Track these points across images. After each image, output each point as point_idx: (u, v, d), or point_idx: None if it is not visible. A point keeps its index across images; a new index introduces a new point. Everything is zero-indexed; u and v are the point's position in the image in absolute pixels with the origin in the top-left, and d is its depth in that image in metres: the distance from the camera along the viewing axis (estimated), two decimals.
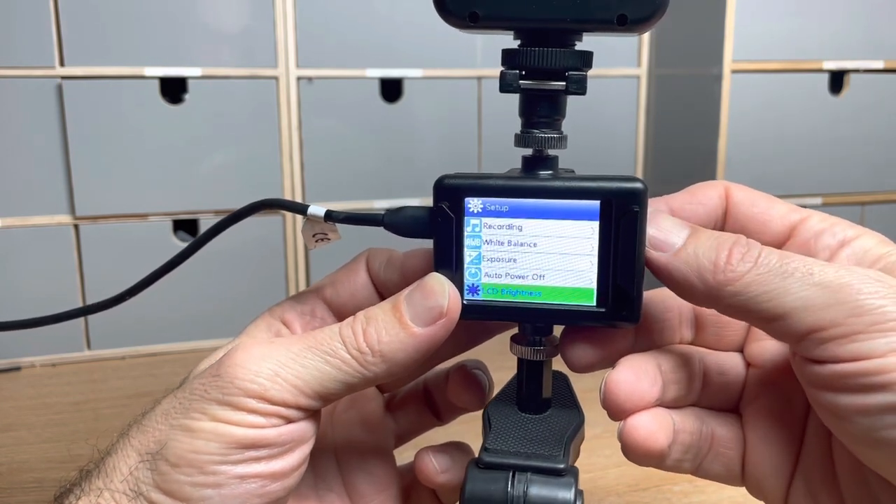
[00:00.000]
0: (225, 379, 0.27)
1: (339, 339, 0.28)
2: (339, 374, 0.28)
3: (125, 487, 0.26)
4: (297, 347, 0.28)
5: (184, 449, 0.26)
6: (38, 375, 0.78)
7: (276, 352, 0.28)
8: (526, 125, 0.30)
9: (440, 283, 0.29)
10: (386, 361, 0.28)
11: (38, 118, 0.78)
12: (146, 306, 0.65)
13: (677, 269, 0.27)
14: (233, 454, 0.26)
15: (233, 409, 0.27)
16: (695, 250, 0.27)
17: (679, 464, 0.31)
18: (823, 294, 0.25)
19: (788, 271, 0.25)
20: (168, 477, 0.26)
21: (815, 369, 0.26)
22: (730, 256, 0.26)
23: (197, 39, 0.82)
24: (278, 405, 0.27)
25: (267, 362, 0.27)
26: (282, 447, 0.27)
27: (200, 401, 0.27)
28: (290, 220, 0.87)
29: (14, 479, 0.55)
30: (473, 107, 0.92)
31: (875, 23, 0.91)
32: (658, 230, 0.28)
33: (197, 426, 0.26)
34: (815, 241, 0.29)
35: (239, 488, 0.26)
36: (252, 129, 0.85)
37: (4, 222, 0.79)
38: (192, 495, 0.26)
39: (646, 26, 0.27)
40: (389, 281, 0.32)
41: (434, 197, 0.29)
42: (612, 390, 0.29)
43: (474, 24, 0.28)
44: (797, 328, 0.25)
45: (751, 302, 0.26)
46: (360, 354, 0.28)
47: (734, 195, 0.31)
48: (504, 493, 0.28)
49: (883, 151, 0.96)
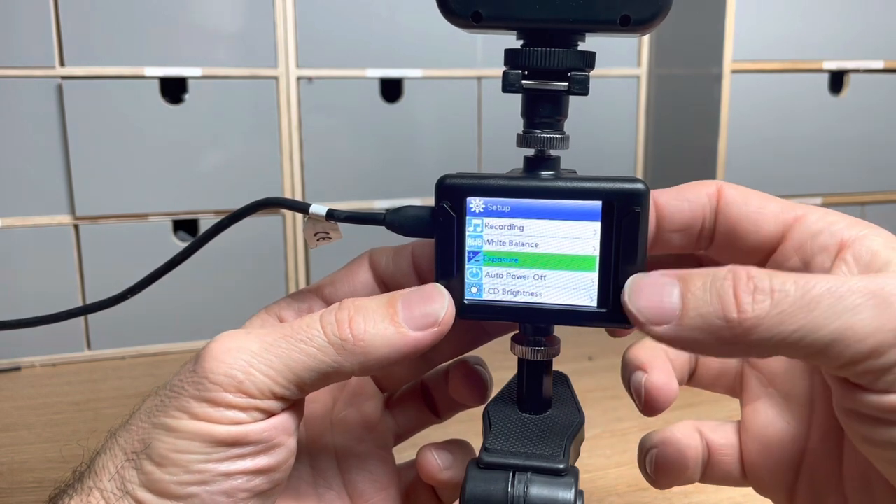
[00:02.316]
0: (200, 374, 0.27)
1: (319, 326, 0.27)
2: (313, 363, 0.27)
3: (113, 486, 0.26)
4: (271, 337, 0.27)
5: (167, 449, 0.26)
6: (38, 375, 0.78)
7: (250, 343, 0.27)
8: (528, 125, 0.30)
9: (440, 292, 0.29)
10: (366, 354, 0.27)
11: (38, 118, 0.78)
12: (146, 306, 0.65)
13: (692, 339, 0.24)
14: (216, 453, 0.26)
15: (210, 405, 0.26)
16: (697, 311, 0.24)
17: (691, 476, 0.32)
18: (865, 317, 0.22)
19: (814, 300, 0.22)
20: (153, 476, 0.26)
21: (868, 399, 0.23)
22: (738, 303, 0.23)
23: (197, 39, 0.82)
24: (255, 398, 0.26)
25: (241, 354, 0.27)
26: (266, 443, 0.27)
27: (179, 398, 0.27)
28: (291, 220, 0.87)
29: (14, 479, 0.55)
30: (473, 107, 0.92)
31: (875, 23, 0.91)
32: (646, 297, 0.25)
33: (177, 425, 0.26)
34: (811, 242, 0.27)
35: (225, 484, 0.26)
36: (252, 129, 0.85)
37: (4, 222, 0.79)
38: (178, 493, 0.26)
39: (649, 27, 0.27)
40: (399, 272, 0.32)
41: (436, 196, 0.29)
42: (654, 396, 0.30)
43: (477, 24, 0.28)
44: (844, 358, 0.22)
45: (784, 343, 0.23)
46: (341, 342, 0.27)
47: (726, 194, 0.29)
48: (504, 493, 0.28)
49: (883, 151, 0.96)
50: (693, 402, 0.64)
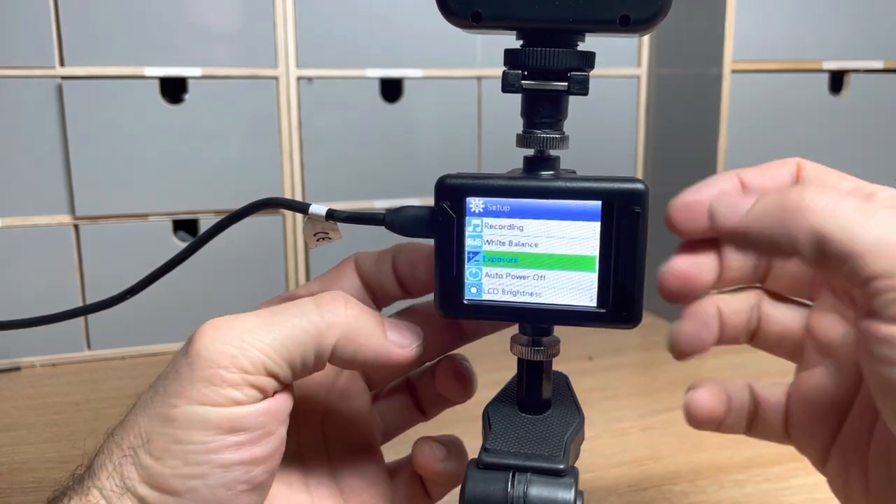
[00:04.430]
0: (192, 355, 0.27)
1: (310, 302, 0.29)
2: (303, 336, 0.28)
3: (111, 484, 0.27)
4: (261, 317, 0.28)
5: (166, 440, 0.26)
6: (38, 375, 0.78)
7: (240, 322, 0.28)
8: (528, 125, 0.30)
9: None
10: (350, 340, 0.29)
11: (38, 118, 0.78)
12: (146, 306, 0.65)
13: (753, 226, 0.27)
14: (213, 440, 0.26)
15: (205, 385, 0.27)
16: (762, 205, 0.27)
17: (732, 427, 0.34)
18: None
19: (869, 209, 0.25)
20: (152, 471, 0.26)
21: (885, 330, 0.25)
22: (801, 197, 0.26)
23: (197, 39, 0.82)
24: (249, 372, 0.27)
25: (232, 331, 0.28)
26: (260, 430, 0.28)
27: (174, 383, 0.27)
28: (291, 220, 0.87)
29: (14, 479, 0.55)
30: (473, 107, 0.92)
31: (875, 23, 0.91)
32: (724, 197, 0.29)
33: (174, 414, 0.27)
34: None
35: (224, 477, 0.27)
36: (252, 129, 0.85)
37: (4, 222, 0.79)
38: (178, 488, 0.26)
39: (648, 27, 0.27)
40: (380, 274, 0.33)
41: (435, 196, 0.29)
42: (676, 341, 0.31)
43: (477, 24, 0.28)
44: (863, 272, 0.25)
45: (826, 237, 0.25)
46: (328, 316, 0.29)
47: (806, 170, 0.31)
48: (504, 493, 0.28)
49: (883, 151, 0.96)
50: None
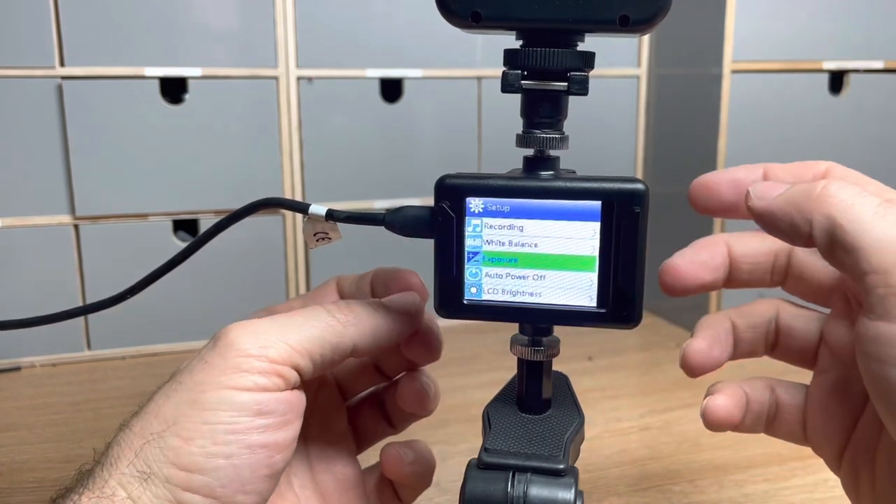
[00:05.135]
0: (223, 346, 0.29)
1: (325, 309, 0.31)
2: (324, 334, 0.30)
3: (132, 470, 0.27)
4: (283, 318, 0.31)
5: (194, 422, 0.27)
6: (38, 375, 0.78)
7: (266, 322, 0.30)
8: (527, 125, 0.30)
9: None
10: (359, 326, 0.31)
11: (38, 118, 0.78)
12: (146, 306, 0.65)
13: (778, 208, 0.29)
14: (241, 421, 0.28)
15: (236, 371, 0.28)
16: (790, 190, 0.29)
17: (751, 427, 0.35)
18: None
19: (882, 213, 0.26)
20: (180, 451, 0.27)
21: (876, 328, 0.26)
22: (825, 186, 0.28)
23: (197, 39, 0.82)
24: (277, 363, 0.29)
25: (261, 327, 0.30)
26: (282, 416, 0.29)
27: (201, 373, 0.28)
28: (291, 220, 0.87)
29: (14, 479, 0.55)
30: (473, 107, 0.92)
31: (875, 23, 0.91)
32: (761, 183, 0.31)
33: (204, 398, 0.28)
34: None
35: (249, 458, 0.28)
36: (252, 129, 0.85)
37: (4, 222, 0.79)
38: (205, 466, 0.27)
39: (648, 27, 0.27)
40: (360, 295, 0.36)
41: (435, 196, 0.29)
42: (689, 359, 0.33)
43: (477, 23, 0.28)
44: (862, 266, 0.26)
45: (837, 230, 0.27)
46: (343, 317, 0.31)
47: (833, 172, 0.33)
48: (504, 493, 0.28)
49: (883, 151, 0.96)
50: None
